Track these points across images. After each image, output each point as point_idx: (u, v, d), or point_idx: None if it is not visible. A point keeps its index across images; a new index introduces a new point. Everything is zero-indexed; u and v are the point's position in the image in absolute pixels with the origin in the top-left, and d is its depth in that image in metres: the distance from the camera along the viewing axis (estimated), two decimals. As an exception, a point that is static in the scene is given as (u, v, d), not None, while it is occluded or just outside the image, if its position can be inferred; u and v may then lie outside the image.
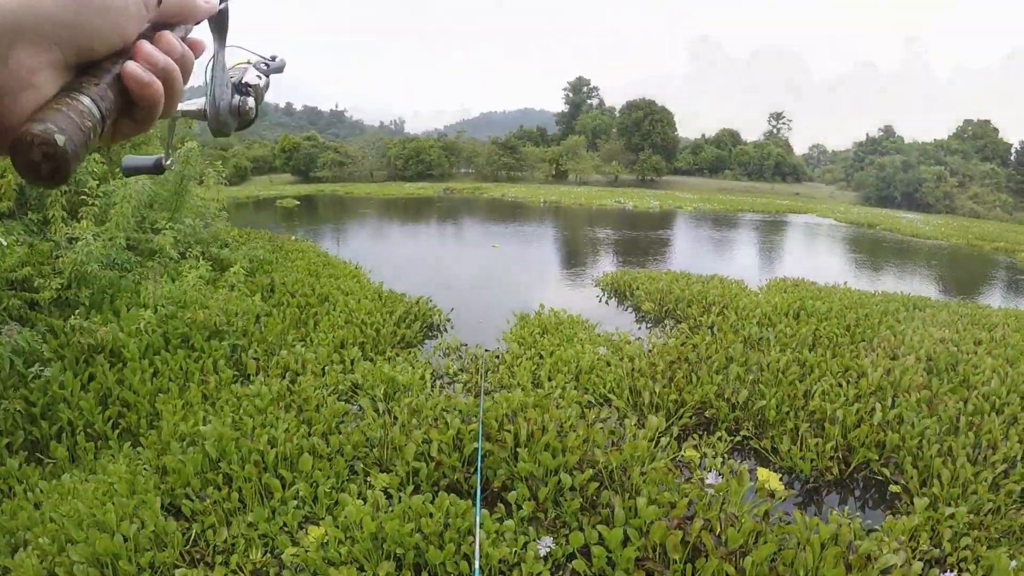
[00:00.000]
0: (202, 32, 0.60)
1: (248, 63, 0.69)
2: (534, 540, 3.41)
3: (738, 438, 5.12)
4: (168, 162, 0.67)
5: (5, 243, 5.50)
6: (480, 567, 3.08)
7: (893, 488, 4.37)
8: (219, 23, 0.61)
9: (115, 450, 4.49)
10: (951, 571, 3.19)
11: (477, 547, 2.85)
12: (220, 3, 0.59)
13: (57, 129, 0.40)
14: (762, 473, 4.47)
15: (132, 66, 0.47)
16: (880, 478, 4.59)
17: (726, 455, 4.85)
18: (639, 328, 8.97)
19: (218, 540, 3.43)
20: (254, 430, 4.39)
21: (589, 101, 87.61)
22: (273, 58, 0.75)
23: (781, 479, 4.46)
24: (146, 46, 0.48)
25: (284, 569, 3.24)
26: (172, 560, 3.29)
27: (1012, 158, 60.45)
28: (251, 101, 0.64)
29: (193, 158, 9.36)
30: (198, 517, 3.59)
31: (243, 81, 0.65)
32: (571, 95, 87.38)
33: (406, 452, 4.09)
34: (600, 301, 11.02)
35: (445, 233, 23.80)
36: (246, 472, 3.83)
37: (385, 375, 5.74)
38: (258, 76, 0.68)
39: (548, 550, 3.33)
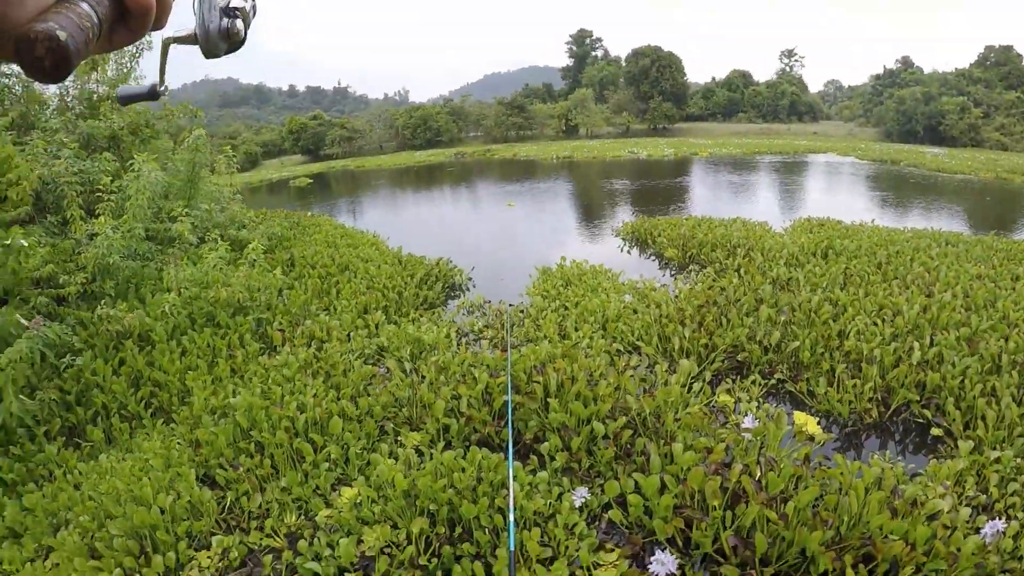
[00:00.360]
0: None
1: None
2: (568, 491, 3.35)
3: (772, 381, 4.97)
4: (162, 88, 0.73)
5: (26, 244, 5.56)
6: (515, 519, 3.04)
7: (935, 431, 4.19)
8: None
9: (149, 428, 4.56)
10: (999, 518, 2.95)
11: (511, 500, 2.80)
12: None
13: (59, 27, 0.44)
14: (799, 417, 4.36)
15: None
16: (921, 420, 4.38)
17: (761, 399, 4.71)
18: (664, 275, 8.81)
19: (252, 506, 3.45)
20: (283, 398, 4.40)
21: (594, 53, 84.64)
22: None
23: (819, 423, 4.34)
24: None
25: (319, 530, 3.24)
26: (208, 528, 3.32)
27: (1038, 85, 56.88)
28: (239, 23, 0.69)
29: (202, 145, 9.27)
30: (232, 485, 3.61)
31: (230, 5, 0.69)
32: (575, 48, 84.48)
33: (435, 409, 4.05)
34: (622, 251, 10.86)
35: (459, 196, 23.57)
36: (277, 439, 3.82)
37: (410, 336, 5.71)
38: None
39: (583, 500, 3.27)
